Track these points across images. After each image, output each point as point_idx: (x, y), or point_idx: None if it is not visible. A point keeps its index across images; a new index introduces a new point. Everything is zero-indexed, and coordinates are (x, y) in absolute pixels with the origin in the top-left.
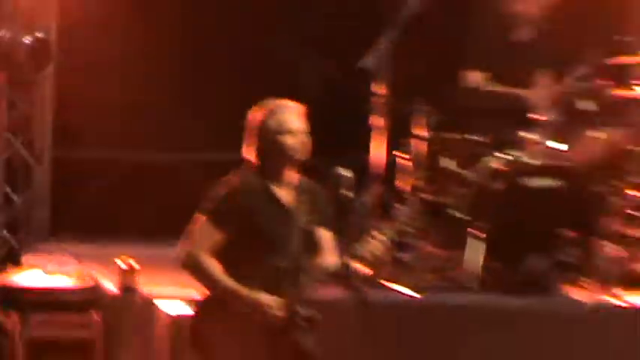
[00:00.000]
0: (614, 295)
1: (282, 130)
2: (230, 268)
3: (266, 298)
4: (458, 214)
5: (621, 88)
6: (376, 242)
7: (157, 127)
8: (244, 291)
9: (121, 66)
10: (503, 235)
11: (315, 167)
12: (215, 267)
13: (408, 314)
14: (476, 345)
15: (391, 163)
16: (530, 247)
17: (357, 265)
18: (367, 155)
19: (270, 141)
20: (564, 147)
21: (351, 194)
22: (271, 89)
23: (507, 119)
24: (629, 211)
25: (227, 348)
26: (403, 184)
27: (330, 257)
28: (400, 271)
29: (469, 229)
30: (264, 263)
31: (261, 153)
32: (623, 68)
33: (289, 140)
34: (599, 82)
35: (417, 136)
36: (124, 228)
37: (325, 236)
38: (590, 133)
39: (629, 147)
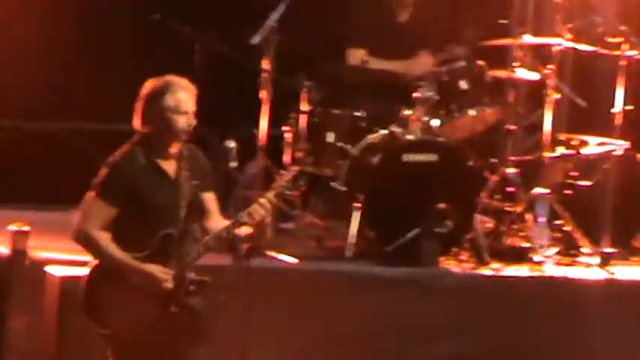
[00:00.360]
0: (488, 267)
1: (176, 110)
2: (121, 238)
3: (154, 269)
4: (337, 186)
5: (499, 69)
6: (259, 207)
7: (53, 97)
8: (133, 263)
9: (18, 37)
10: (378, 206)
11: (205, 139)
12: (105, 240)
13: (287, 280)
14: (351, 311)
15: (279, 136)
16: (405, 218)
17: (241, 230)
18: (256, 129)
19: (162, 118)
20: (441, 123)
21: (235, 165)
22: (164, 63)
23: (387, 96)
24: (503, 187)
25: (118, 313)
26: (287, 156)
27: (215, 221)
28: (282, 239)
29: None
30: (153, 232)
31: (151, 127)
32: (502, 50)
33: (181, 120)
34: (476, 62)
35: (301, 111)
36: (18, 194)
37: (210, 201)
38: (467, 111)
39: (504, 125)
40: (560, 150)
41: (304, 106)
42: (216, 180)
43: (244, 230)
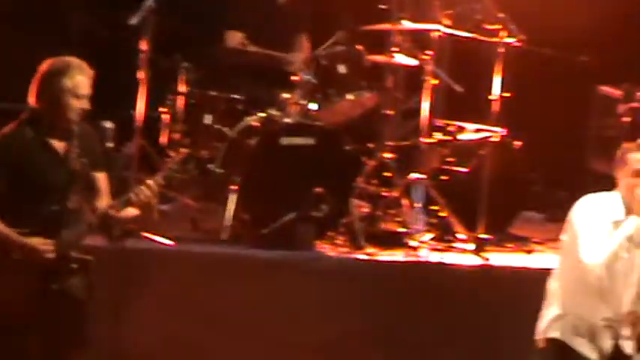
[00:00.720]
0: (364, 252)
1: (73, 93)
2: (6, 214)
3: (37, 241)
4: (213, 168)
5: (379, 54)
6: (145, 188)
7: None
8: (16, 236)
9: None
10: (255, 189)
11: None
12: None
13: (162, 262)
14: (226, 294)
15: (156, 117)
16: (282, 202)
17: (127, 211)
18: (133, 110)
19: (57, 98)
20: (319, 107)
21: (112, 146)
22: (40, 42)
23: (266, 79)
24: (380, 172)
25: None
26: (164, 137)
27: (104, 201)
28: (158, 221)
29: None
30: (39, 209)
31: (44, 106)
32: (381, 35)
33: (76, 103)
34: (355, 46)
35: (178, 92)
36: None
37: (100, 180)
38: (345, 96)
39: (382, 110)
40: (437, 136)
41: (182, 88)
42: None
43: (130, 211)
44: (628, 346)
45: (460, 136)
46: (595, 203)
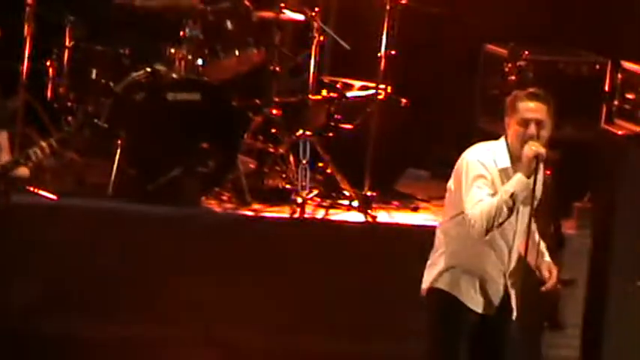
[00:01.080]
0: (249, 208)
1: None
2: None
3: None
4: (99, 123)
5: (266, 10)
6: (39, 150)
7: None
8: None
9: None
10: (141, 144)
11: None
12: None
13: (47, 217)
14: (111, 249)
15: (39, 71)
16: (168, 157)
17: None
18: (18, 63)
19: None
20: (205, 63)
21: None
22: None
23: (153, 34)
24: (266, 128)
25: None
26: (50, 92)
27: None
28: (42, 175)
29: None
30: None
31: None
32: None
33: None
34: (243, 2)
35: (64, 46)
36: None
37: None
38: (232, 51)
39: (269, 66)
40: (324, 92)
41: (67, 42)
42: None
43: (21, 170)
44: (513, 299)
45: (347, 94)
46: (481, 152)
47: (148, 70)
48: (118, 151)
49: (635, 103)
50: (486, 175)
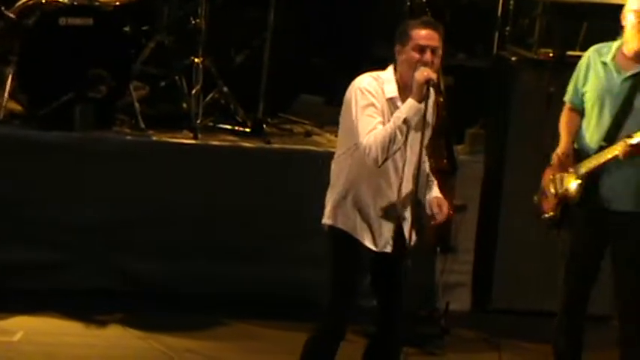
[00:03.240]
0: (143, 134)
1: None
2: None
3: None
4: None
5: None
6: None
7: None
8: None
9: None
10: (32, 69)
11: None
12: None
13: None
14: (3, 174)
15: None
16: (60, 82)
17: None
18: None
19: None
20: None
21: None
22: None
23: None
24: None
25: None
26: None
27: None
28: None
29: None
30: None
31: None
32: None
33: None
34: None
35: None
36: None
37: None
38: None
39: None
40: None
41: None
42: None
43: None
44: (406, 230)
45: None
46: (370, 81)
47: None
48: (10, 76)
49: (527, 29)
50: (376, 103)
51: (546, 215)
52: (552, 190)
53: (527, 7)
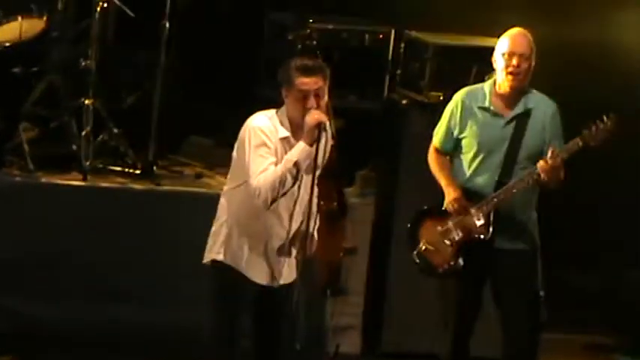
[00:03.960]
0: (32, 175)
1: None
2: None
3: None
4: None
5: None
6: None
7: None
8: None
9: None
10: None
11: None
12: None
13: None
14: None
15: None
16: None
17: None
18: None
19: None
20: None
21: None
22: None
23: None
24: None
25: None
26: None
27: None
28: None
29: None
30: None
31: None
32: None
33: None
34: None
35: None
36: None
37: None
38: (15, 17)
39: (53, 33)
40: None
41: None
42: None
43: None
44: (293, 268)
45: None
46: (263, 120)
47: None
48: None
49: (417, 72)
50: (269, 143)
51: (446, 266)
52: (447, 242)
53: (418, 50)
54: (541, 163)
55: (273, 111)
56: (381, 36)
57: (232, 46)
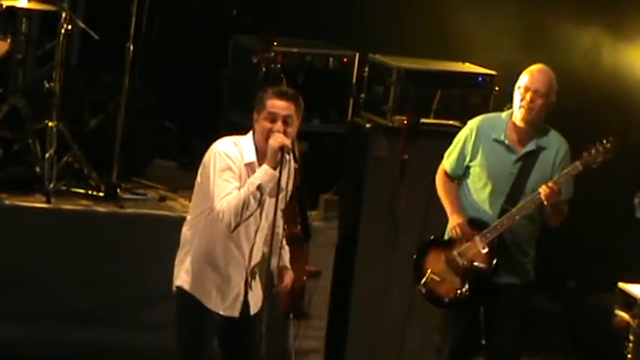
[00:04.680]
0: None
1: None
2: None
3: None
4: None
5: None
6: None
7: None
8: None
9: None
10: None
11: None
12: None
13: None
14: None
15: None
16: None
17: None
18: None
19: None
20: None
21: None
22: None
23: None
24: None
25: None
26: None
27: None
28: None
29: None
30: None
31: None
32: None
33: None
34: None
35: None
36: None
37: None
38: None
39: (16, 55)
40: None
41: None
42: None
43: None
44: (254, 296)
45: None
46: (228, 145)
47: None
48: None
49: (381, 96)
50: (234, 168)
51: (452, 296)
52: (452, 271)
53: (382, 74)
54: (543, 186)
55: (239, 137)
56: (345, 59)
57: (197, 69)
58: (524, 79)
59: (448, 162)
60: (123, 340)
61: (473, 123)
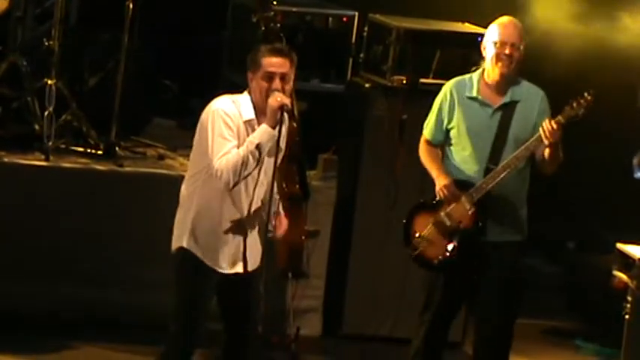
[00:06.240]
0: None
1: None
2: None
3: None
4: None
5: None
6: None
7: None
8: None
9: None
10: None
11: None
12: None
13: None
14: None
15: None
16: None
17: None
18: None
19: None
20: None
21: None
22: None
23: None
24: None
25: None
26: None
27: None
28: None
29: None
30: None
31: None
32: None
33: None
34: None
35: None
36: None
37: None
38: None
39: (15, 13)
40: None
41: None
42: None
43: None
44: (255, 252)
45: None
46: (226, 103)
47: None
48: None
49: (381, 55)
50: (232, 126)
51: (441, 258)
52: (440, 232)
53: (381, 33)
54: (544, 123)
55: (237, 95)
56: (345, 19)
57: (196, 28)
58: (496, 33)
59: (428, 130)
60: (122, 298)
61: (446, 87)
